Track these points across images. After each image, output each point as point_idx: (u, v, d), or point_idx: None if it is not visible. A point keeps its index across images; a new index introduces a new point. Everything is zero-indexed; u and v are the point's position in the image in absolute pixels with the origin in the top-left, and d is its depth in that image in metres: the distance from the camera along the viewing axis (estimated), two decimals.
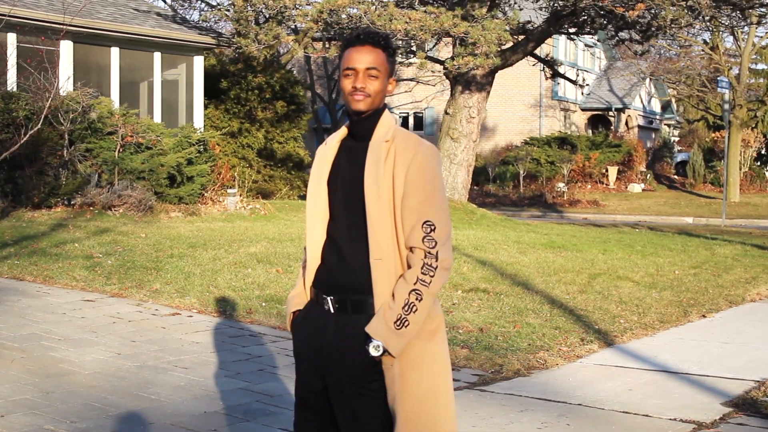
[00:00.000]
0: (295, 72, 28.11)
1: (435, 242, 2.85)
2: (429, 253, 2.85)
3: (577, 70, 39.74)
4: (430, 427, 2.92)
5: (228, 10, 19.14)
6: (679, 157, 42.17)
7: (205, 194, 15.96)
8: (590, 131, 41.55)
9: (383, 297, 2.86)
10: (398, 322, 2.82)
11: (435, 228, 2.86)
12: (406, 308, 2.82)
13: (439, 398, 2.95)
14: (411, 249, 2.88)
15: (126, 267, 9.52)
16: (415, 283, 2.83)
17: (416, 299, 2.83)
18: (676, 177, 39.48)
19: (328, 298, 2.94)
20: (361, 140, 2.98)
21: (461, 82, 17.21)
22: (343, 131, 3.06)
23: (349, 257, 2.92)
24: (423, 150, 2.92)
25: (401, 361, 2.88)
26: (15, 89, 14.21)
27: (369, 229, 2.87)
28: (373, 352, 2.82)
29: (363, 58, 2.91)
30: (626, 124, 42.47)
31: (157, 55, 17.35)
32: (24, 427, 4.75)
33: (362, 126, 2.98)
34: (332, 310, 2.93)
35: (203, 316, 7.78)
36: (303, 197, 21.40)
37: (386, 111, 3.01)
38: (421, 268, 2.84)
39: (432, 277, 2.83)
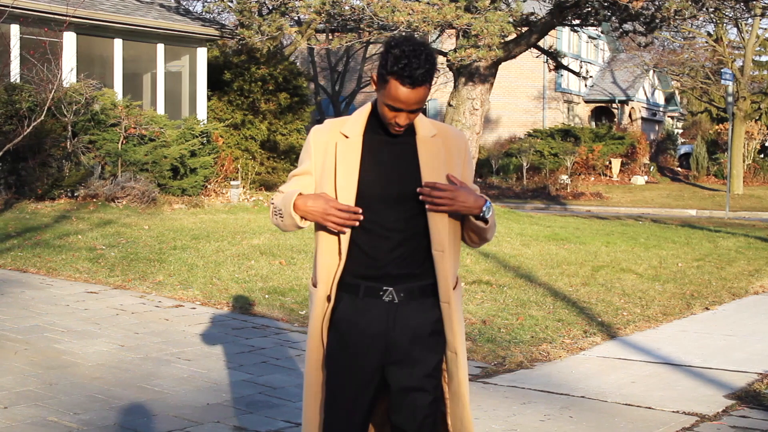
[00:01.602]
0: (298, 63, 28.07)
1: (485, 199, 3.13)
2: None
3: (581, 62, 39.66)
4: (465, 400, 3.10)
5: (231, 2, 19.08)
6: (683, 149, 42.08)
7: (209, 186, 15.98)
8: (593, 123, 41.47)
9: (448, 285, 3.01)
10: (486, 207, 3.02)
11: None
12: (488, 203, 3.04)
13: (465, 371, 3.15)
14: None
15: (129, 259, 9.53)
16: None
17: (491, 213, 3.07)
18: (679, 169, 39.40)
19: (389, 289, 2.98)
20: (395, 137, 3.01)
21: (464, 73, 17.14)
22: (361, 123, 3.06)
23: (405, 250, 2.99)
24: (463, 136, 3.16)
25: (456, 341, 3.04)
26: (18, 81, 14.21)
27: (430, 224, 2.98)
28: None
29: (413, 99, 2.89)
30: (629, 116, 42.39)
31: (160, 47, 17.33)
32: (27, 418, 4.76)
33: None
34: (396, 300, 2.99)
35: (206, 308, 7.79)
36: None
37: None
38: None
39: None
